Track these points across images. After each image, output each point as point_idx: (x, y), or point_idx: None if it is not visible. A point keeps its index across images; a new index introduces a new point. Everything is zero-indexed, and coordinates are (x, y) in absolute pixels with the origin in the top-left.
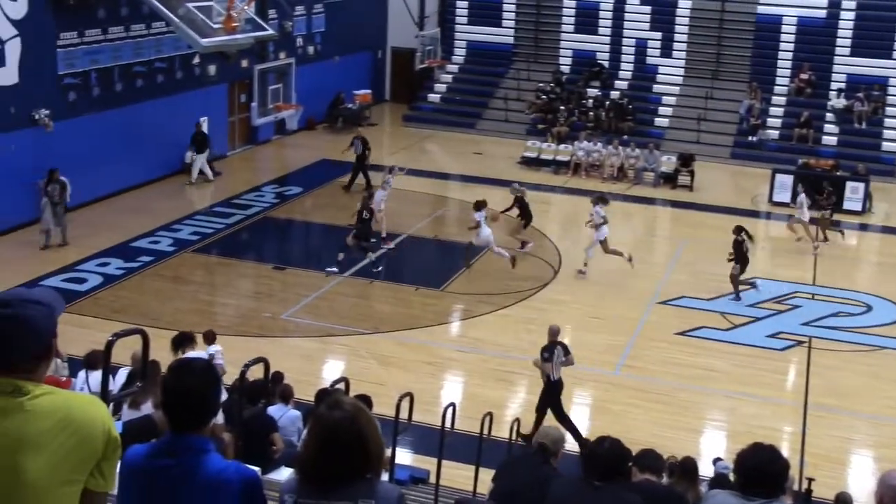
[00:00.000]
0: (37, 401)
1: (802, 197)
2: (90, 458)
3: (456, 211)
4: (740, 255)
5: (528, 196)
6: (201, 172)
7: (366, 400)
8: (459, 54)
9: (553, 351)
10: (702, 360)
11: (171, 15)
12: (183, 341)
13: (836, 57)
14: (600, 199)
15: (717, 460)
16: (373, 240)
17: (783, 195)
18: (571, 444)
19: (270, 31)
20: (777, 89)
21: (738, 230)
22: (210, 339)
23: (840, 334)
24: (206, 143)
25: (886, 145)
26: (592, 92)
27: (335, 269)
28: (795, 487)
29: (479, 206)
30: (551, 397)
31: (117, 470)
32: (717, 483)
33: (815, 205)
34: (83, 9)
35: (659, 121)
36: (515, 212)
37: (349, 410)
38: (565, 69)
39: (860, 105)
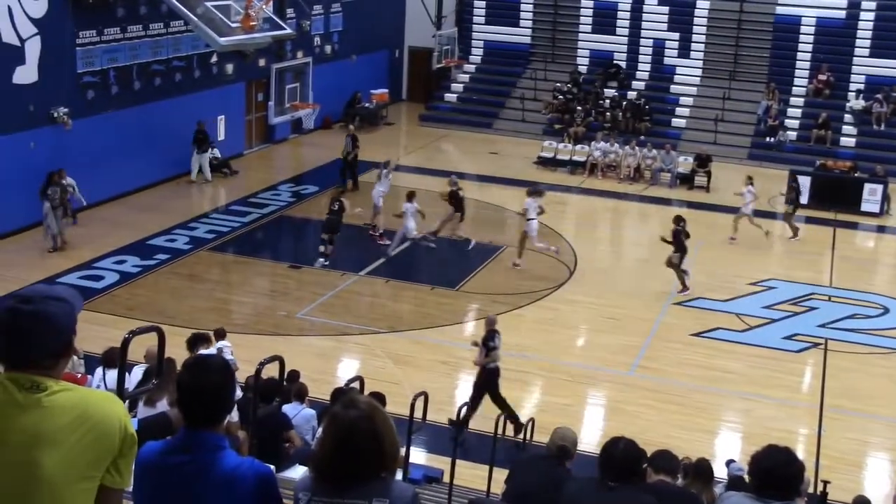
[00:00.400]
0: (54, 397)
1: (748, 189)
2: (106, 454)
3: (471, 211)
4: (679, 244)
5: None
6: (216, 168)
7: (380, 398)
8: (476, 54)
9: (495, 339)
10: (717, 362)
11: (190, 14)
12: (197, 341)
13: (854, 58)
14: (534, 192)
15: (730, 462)
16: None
17: (801, 197)
18: (583, 446)
19: (288, 31)
20: (795, 90)
21: (678, 220)
22: (220, 335)
23: (856, 336)
24: (206, 143)
25: None
26: (609, 92)
27: (325, 262)
28: (811, 490)
29: (410, 196)
30: (492, 384)
31: (133, 467)
32: (733, 485)
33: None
34: (102, 8)
35: (676, 121)
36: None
37: (365, 409)
38: (582, 69)
39: (879, 106)
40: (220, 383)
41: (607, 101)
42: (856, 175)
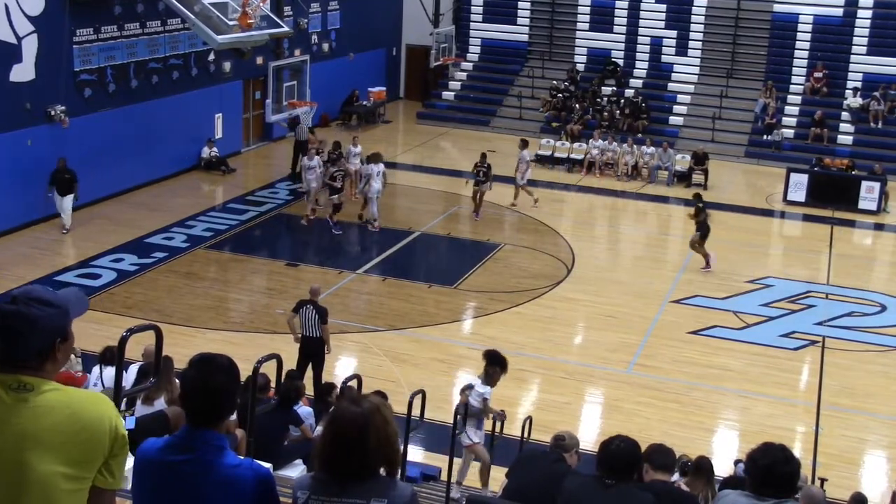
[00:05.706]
0: (42, 397)
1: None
2: (97, 455)
3: (469, 208)
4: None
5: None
6: (214, 166)
7: (381, 396)
8: (474, 52)
9: (301, 308)
10: (715, 360)
11: (187, 11)
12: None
13: (852, 56)
14: (374, 156)
15: (738, 462)
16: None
17: (798, 194)
18: (581, 443)
19: (286, 28)
20: (792, 88)
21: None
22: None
23: (854, 334)
24: (73, 184)
25: None
26: (607, 90)
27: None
28: None
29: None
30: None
31: (126, 466)
32: (728, 482)
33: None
34: (99, 5)
35: (673, 119)
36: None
37: (367, 407)
38: (580, 67)
39: (876, 104)
40: (226, 383)
41: (605, 98)
42: (853, 173)
